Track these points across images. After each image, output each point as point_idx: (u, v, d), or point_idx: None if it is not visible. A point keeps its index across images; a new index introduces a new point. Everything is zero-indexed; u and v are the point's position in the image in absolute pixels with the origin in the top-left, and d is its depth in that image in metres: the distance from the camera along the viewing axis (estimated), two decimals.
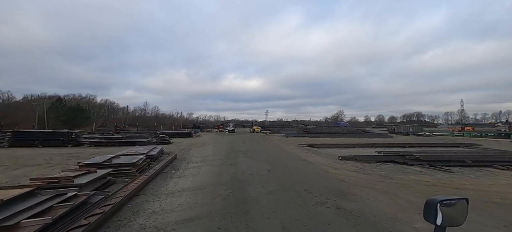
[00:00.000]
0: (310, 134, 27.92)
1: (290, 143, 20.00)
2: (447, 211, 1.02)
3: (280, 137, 27.60)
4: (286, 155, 12.04)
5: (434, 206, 1.00)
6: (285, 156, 11.44)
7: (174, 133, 29.41)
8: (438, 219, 0.99)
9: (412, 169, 7.85)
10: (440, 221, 0.99)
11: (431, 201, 1.02)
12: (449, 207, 1.04)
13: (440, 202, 1.01)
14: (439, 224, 0.99)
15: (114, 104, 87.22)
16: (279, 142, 21.19)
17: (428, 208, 1.02)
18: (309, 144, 16.63)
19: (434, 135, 32.56)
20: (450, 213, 1.03)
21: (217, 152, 13.51)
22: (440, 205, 1.00)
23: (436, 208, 1.00)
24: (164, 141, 19.92)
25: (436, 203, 1.00)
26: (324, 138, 25.06)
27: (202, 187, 5.84)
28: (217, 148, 16.25)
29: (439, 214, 1.00)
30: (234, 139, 25.17)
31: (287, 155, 12.06)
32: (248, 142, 20.53)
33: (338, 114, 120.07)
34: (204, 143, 21.09)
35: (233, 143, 20.30)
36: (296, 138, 25.50)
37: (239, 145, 18.16)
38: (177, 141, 23.27)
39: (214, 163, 9.53)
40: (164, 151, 13.82)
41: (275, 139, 24.57)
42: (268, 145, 18.02)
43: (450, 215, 1.02)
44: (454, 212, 1.05)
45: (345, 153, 11.89)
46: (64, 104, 61.58)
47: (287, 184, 5.88)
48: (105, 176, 6.39)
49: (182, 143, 20.86)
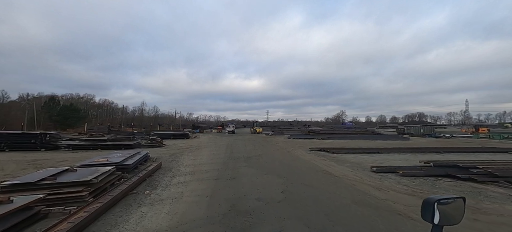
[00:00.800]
0: (317, 136, 25.56)
1: (298, 146, 17.62)
2: (444, 210, 1.02)
3: (284, 139, 25.23)
4: (299, 163, 9.67)
5: (431, 205, 1.01)
6: (299, 166, 9.06)
7: (169, 134, 27.08)
8: (436, 218, 1.00)
9: (491, 190, 5.46)
10: (437, 220, 1.00)
11: (428, 200, 1.03)
12: (446, 206, 1.04)
13: (437, 201, 1.01)
14: (436, 223, 1.00)
15: (113, 104, 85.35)
16: (285, 145, 18.81)
17: (426, 207, 1.03)
18: (322, 148, 14.25)
19: (454, 137, 29.91)
20: (447, 212, 1.03)
21: (214, 159, 11.16)
22: (437, 204, 1.01)
23: (433, 207, 1.00)
24: (155, 144, 17.57)
25: (434, 202, 1.01)
26: (335, 141, 22.67)
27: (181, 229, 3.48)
28: (214, 153, 13.90)
29: (436, 213, 1.00)
30: (234, 141, 22.80)
31: (301, 163, 9.69)
32: (250, 145, 18.16)
33: (340, 115, 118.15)
34: (200, 146, 18.73)
35: (233, 146, 17.94)
36: (303, 140, 23.12)
37: (240, 148, 15.80)
38: (171, 144, 20.92)
39: (207, 177, 7.17)
40: (150, 157, 11.51)
41: (280, 141, 22.20)
42: (273, 149, 15.66)
43: (447, 214, 1.02)
44: (451, 211, 1.05)
45: (375, 161, 9.52)
46: (58, 103, 59.29)
47: (322, 226, 3.52)
48: (30, 206, 4.06)
49: (175, 146, 18.51)
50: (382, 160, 10.29)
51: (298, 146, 17.45)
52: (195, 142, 23.11)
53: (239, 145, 18.28)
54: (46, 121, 53.17)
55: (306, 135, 27.15)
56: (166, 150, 15.82)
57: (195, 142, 23.11)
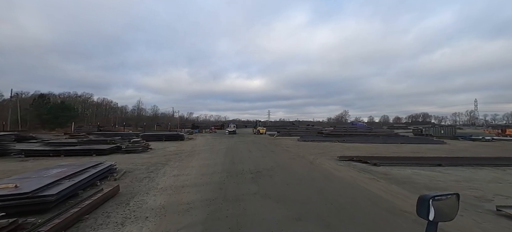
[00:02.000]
0: (331, 137, 21.94)
1: (316, 152, 14.01)
2: (439, 206, 1.03)
3: (294, 142, 21.61)
4: (340, 187, 6.08)
5: (426, 202, 1.01)
6: (344, 194, 5.49)
7: (161, 136, 23.54)
8: (431, 215, 1.00)
9: None
10: (432, 216, 1.00)
11: (423, 198, 1.03)
12: (441, 202, 1.05)
13: (432, 198, 1.02)
14: (431, 219, 1.01)
15: (112, 103, 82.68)
16: (299, 150, 15.17)
17: (421, 204, 1.03)
18: (353, 157, 10.61)
19: (495, 140, 25.86)
20: (442, 208, 1.04)
21: (206, 175, 7.60)
22: (432, 201, 1.01)
23: (428, 204, 1.01)
24: (137, 148, 14.00)
25: (428, 199, 1.01)
26: (358, 145, 19.02)
27: None
28: (208, 162, 10.32)
29: (431, 210, 1.00)
30: (235, 144, 19.21)
31: (343, 188, 6.09)
32: (256, 151, 14.57)
33: (343, 115, 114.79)
34: (194, 150, 15.16)
35: (235, 151, 14.37)
36: (317, 144, 19.48)
37: (243, 155, 12.23)
38: (160, 147, 17.37)
39: (188, 223, 3.61)
40: (116, 169, 7.99)
41: (291, 145, 18.58)
42: (287, 156, 12.07)
43: (441, 211, 1.04)
44: (445, 207, 1.06)
45: (469, 187, 5.90)
46: (48, 101, 55.90)
47: None
48: None
49: (163, 151, 14.95)
50: (472, 182, 6.68)
51: (317, 152, 13.81)
52: (190, 145, 19.54)
53: (242, 150, 14.70)
54: (34, 120, 49.83)
55: (318, 137, 23.55)
56: (149, 157, 12.27)
57: (190, 145, 19.54)
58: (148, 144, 16.00)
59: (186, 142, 21.70)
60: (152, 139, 22.80)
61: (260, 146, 17.21)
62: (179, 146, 18.48)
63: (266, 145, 17.87)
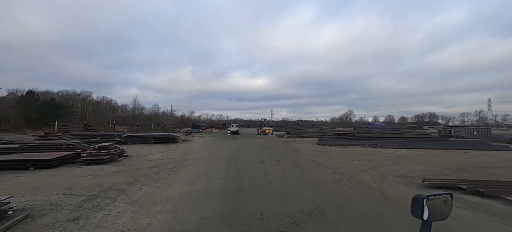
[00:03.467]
0: (359, 141, 17.57)
1: (360, 165, 9.70)
2: (433, 206, 1.03)
3: (312, 146, 17.30)
4: None
5: (420, 202, 1.02)
6: None
7: (149, 137, 19.40)
8: (425, 214, 1.01)
9: None
10: (426, 216, 1.01)
11: (417, 197, 1.04)
12: (435, 202, 1.05)
13: (426, 198, 1.02)
14: (425, 219, 1.01)
15: (112, 102, 79.42)
16: (332, 162, 10.79)
17: (415, 204, 1.04)
18: (444, 180, 6.29)
19: None
20: (436, 208, 1.05)
21: (185, 222, 3.35)
22: (426, 200, 1.01)
23: (422, 203, 1.01)
24: (100, 158, 9.77)
25: (423, 199, 1.01)
26: (399, 150, 14.66)
27: None
28: (198, 189, 6.06)
29: (425, 209, 1.01)
30: (239, 149, 15.00)
31: None
32: (271, 162, 10.31)
33: (347, 114, 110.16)
34: (184, 160, 10.93)
35: (240, 162, 10.14)
36: (346, 150, 15.19)
37: (254, 172, 8.00)
38: (142, 153, 13.22)
39: None
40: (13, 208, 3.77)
41: (312, 151, 14.28)
42: (328, 177, 7.75)
43: (436, 210, 1.04)
44: (439, 207, 1.07)
45: None
46: (37, 98, 52.14)
47: None
48: None
49: (141, 160, 10.78)
50: None
51: (363, 165, 9.42)
52: (181, 150, 15.35)
53: (251, 160, 10.45)
54: (21, 118, 46.08)
55: (339, 139, 19.19)
56: (111, 172, 8.09)
57: (181, 150, 15.35)
58: (122, 150, 11.82)
59: (178, 146, 17.51)
60: (137, 141, 18.69)
61: (274, 153, 12.96)
62: (167, 151, 14.30)
63: (281, 152, 13.60)
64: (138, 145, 17.55)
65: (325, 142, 17.80)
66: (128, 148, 15.88)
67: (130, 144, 18.36)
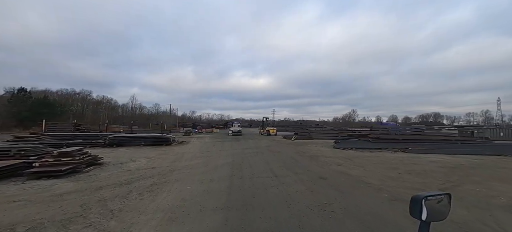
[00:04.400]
0: (385, 144, 14.82)
1: (420, 182, 7.03)
2: (431, 206, 1.03)
3: (330, 150, 14.64)
4: None
5: (419, 202, 1.02)
6: None
7: (139, 138, 16.81)
8: (423, 215, 1.01)
9: None
10: (425, 216, 1.01)
11: (416, 198, 1.04)
12: (433, 202, 1.05)
13: (425, 198, 1.02)
14: (424, 219, 1.01)
15: (112, 101, 77.57)
16: (370, 176, 8.12)
17: (414, 204, 1.04)
18: None
19: None
20: (434, 208, 1.04)
21: None
22: (424, 201, 1.02)
23: (421, 204, 1.01)
24: (57, 170, 7.16)
25: (421, 199, 1.02)
26: (443, 157, 11.97)
27: None
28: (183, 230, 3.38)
29: (424, 210, 1.01)
30: (244, 154, 12.40)
31: None
32: (290, 176, 7.66)
33: (351, 114, 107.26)
34: (172, 171, 8.28)
35: (244, 173, 7.49)
36: (370, 154, 12.50)
37: (267, 192, 5.36)
38: (123, 159, 10.65)
39: None
40: None
41: (336, 158, 11.62)
42: (384, 203, 5.14)
43: (434, 210, 1.04)
44: (438, 207, 1.06)
45: None
46: (29, 96, 49.83)
47: None
48: None
49: (116, 170, 8.17)
50: None
51: (436, 185, 6.69)
52: (173, 155, 12.76)
53: (260, 171, 7.81)
54: (12, 117, 43.75)
55: (360, 142, 16.39)
56: (60, 192, 5.49)
57: (173, 155, 12.76)
58: (94, 157, 9.23)
59: (171, 150, 14.90)
60: (125, 143, 16.14)
61: (288, 161, 10.32)
62: (156, 157, 11.70)
63: (296, 159, 10.94)
64: (125, 148, 14.98)
65: (344, 145, 15.10)
66: (112, 152, 13.32)
67: (116, 146, 15.81)
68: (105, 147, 15.40)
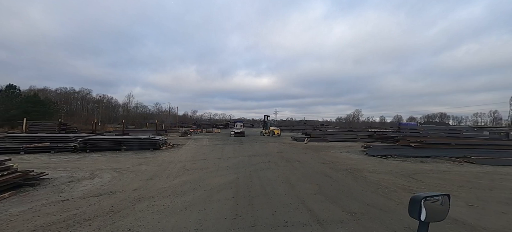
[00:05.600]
0: (426, 150, 11.44)
1: None
2: (430, 207, 1.01)
3: (362, 157, 11.34)
4: None
5: (418, 202, 0.99)
6: None
7: (118, 142, 13.54)
8: (422, 215, 0.98)
9: None
10: (424, 217, 0.98)
11: (415, 198, 1.01)
12: (432, 203, 1.02)
13: (424, 199, 1.00)
14: (423, 219, 0.99)
15: (112, 100, 75.33)
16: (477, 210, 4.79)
17: (413, 205, 1.01)
18: None
19: None
20: (433, 209, 1.02)
21: None
22: (423, 201, 0.99)
23: (420, 204, 0.99)
24: None
25: (420, 200, 0.99)
26: None
27: None
28: None
29: (423, 210, 0.98)
30: (249, 165, 9.13)
31: None
32: (351, 224, 4.26)
33: (355, 114, 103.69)
34: (140, 198, 4.96)
35: (256, 210, 4.14)
36: (426, 166, 9.19)
37: None
38: (84, 172, 7.39)
39: None
40: None
41: (386, 171, 8.30)
42: None
43: (433, 211, 1.01)
44: (436, 208, 1.04)
45: None
46: (18, 94, 46.89)
47: None
48: None
49: (55, 195, 4.87)
50: None
51: None
52: (157, 165, 9.46)
53: (287, 206, 4.49)
54: None
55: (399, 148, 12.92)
56: None
57: (157, 165, 9.46)
58: (23, 174, 5.96)
59: (156, 157, 11.59)
60: (102, 148, 12.92)
61: (321, 182, 7.00)
62: (128, 171, 8.41)
63: (332, 178, 7.56)
64: (98, 155, 11.75)
65: (378, 151, 11.73)
66: (76, 161, 10.08)
67: (89, 152, 12.59)
68: (75, 152, 12.18)
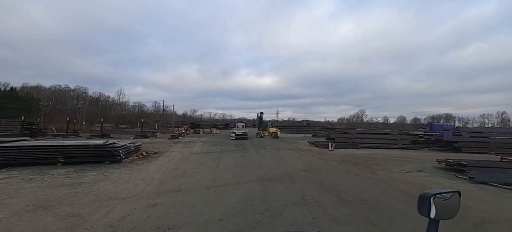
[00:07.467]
0: None
1: None
2: (440, 204, 0.99)
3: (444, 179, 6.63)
4: None
5: (427, 199, 0.98)
6: None
7: (52, 151, 8.74)
8: (432, 213, 0.97)
9: None
10: (433, 214, 0.97)
11: (424, 195, 0.99)
12: (442, 200, 1.01)
13: (433, 196, 0.98)
14: (432, 217, 0.97)
15: (109, 98, 72.32)
16: None
17: (422, 202, 0.99)
18: None
19: None
20: (443, 206, 1.00)
21: None
22: (433, 198, 0.98)
23: (429, 201, 0.97)
24: None
25: (430, 197, 0.98)
26: None
27: None
28: None
29: (432, 208, 0.97)
30: (266, 210, 4.23)
31: None
32: None
33: (359, 114, 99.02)
34: None
35: None
36: None
37: None
38: None
39: None
40: None
41: None
42: None
43: (443, 208, 0.99)
44: (447, 205, 1.02)
45: None
46: None
47: None
48: None
49: None
50: None
51: None
52: (90, 199, 4.55)
53: None
54: None
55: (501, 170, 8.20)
56: None
57: (90, 199, 4.55)
58: None
59: (97, 183, 6.71)
60: (28, 161, 8.08)
61: None
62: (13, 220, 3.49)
63: None
64: (18, 171, 6.96)
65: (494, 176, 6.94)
66: None
67: (6, 167, 7.79)
68: None
